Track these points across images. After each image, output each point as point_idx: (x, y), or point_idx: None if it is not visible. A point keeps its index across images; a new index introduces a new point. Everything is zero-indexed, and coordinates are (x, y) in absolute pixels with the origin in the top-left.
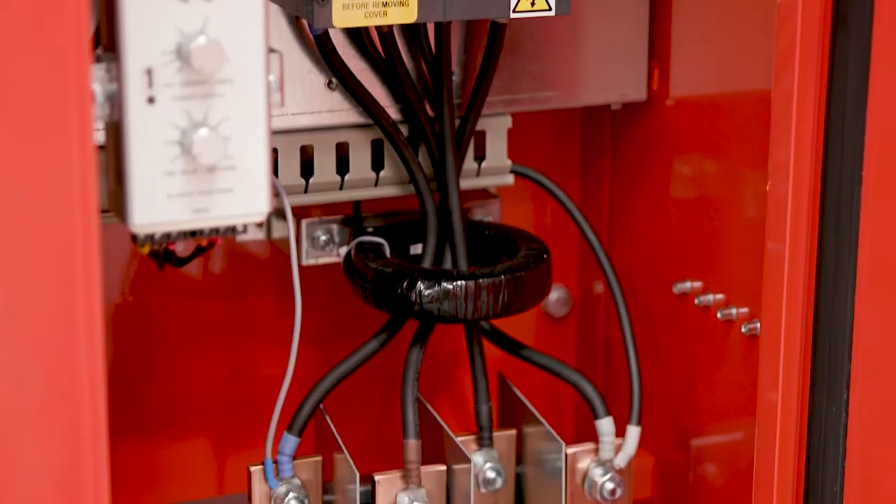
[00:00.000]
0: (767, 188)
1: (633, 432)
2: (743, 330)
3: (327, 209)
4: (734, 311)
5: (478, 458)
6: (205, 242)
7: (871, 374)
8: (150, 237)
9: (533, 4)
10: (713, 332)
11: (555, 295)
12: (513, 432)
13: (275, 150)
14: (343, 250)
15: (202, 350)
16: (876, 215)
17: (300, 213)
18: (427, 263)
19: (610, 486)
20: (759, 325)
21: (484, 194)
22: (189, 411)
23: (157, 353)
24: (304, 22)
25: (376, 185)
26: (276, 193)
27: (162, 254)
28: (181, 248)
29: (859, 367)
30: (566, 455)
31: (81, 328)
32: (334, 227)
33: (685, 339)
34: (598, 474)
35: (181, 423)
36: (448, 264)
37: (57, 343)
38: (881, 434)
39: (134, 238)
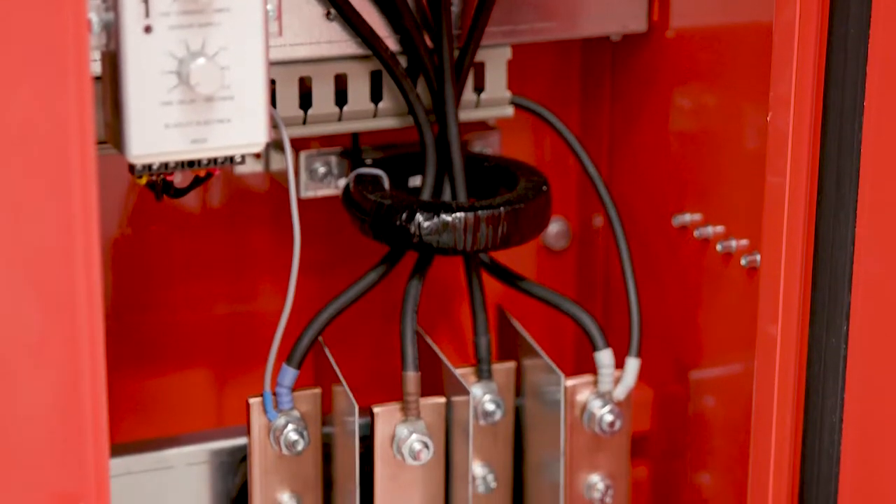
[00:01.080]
0: (768, 120)
1: (633, 364)
2: (742, 262)
3: (326, 141)
4: (734, 243)
5: (477, 390)
6: (202, 173)
7: (871, 306)
8: (148, 168)
9: None
10: (713, 264)
11: (554, 228)
12: (512, 365)
13: (273, 82)
14: (342, 182)
15: (201, 283)
16: (877, 147)
17: (298, 145)
18: (426, 195)
19: (609, 418)
20: (758, 257)
21: (483, 126)
22: (188, 343)
23: (155, 286)
24: None
25: (375, 116)
26: (274, 125)
27: (160, 185)
28: (179, 179)
29: (859, 300)
30: (565, 387)
31: (79, 260)
32: (333, 160)
33: (685, 271)
34: (597, 406)
35: (180, 356)
36: (447, 196)
37: (55, 275)
38: (881, 366)
39: (131, 169)
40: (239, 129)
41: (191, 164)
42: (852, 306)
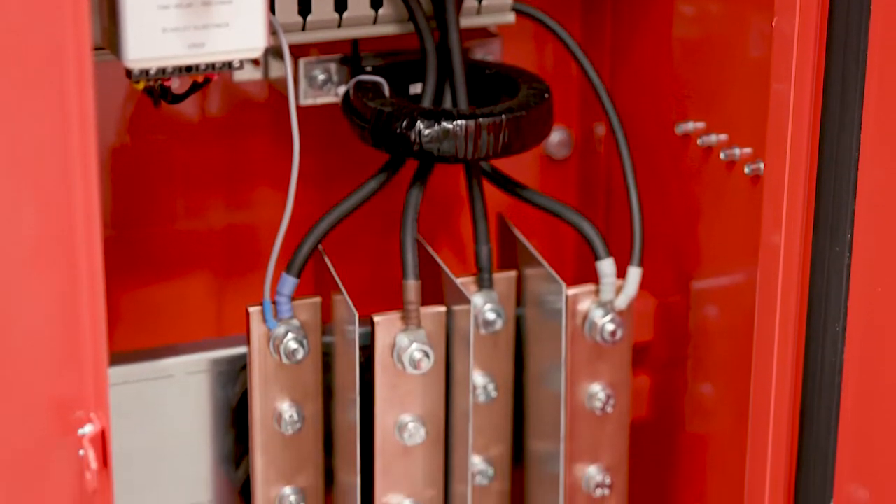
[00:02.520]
0: (773, 25)
1: (634, 273)
2: (746, 171)
3: (325, 48)
4: (737, 151)
5: (477, 299)
6: (200, 79)
7: (875, 214)
8: (145, 73)
9: None
10: (716, 173)
11: (555, 136)
12: (513, 274)
13: None
14: (341, 90)
15: (200, 192)
16: (883, 52)
17: (297, 52)
18: (427, 103)
19: (610, 327)
20: (762, 165)
21: (484, 33)
22: (187, 253)
23: (154, 195)
24: None
25: (375, 23)
26: (272, 31)
27: (157, 90)
28: (176, 85)
29: (863, 207)
30: (566, 296)
31: (76, 167)
32: (332, 67)
33: (687, 180)
34: (598, 316)
35: (179, 265)
36: (448, 104)
37: (52, 184)
38: (884, 273)
39: (129, 74)
40: (237, 34)
41: (188, 69)
42: (856, 214)
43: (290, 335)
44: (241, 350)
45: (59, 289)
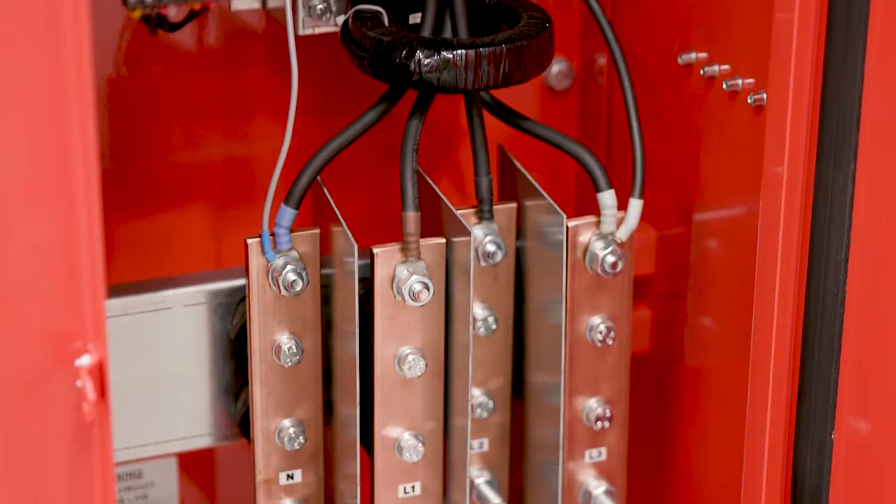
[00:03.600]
0: None
1: (636, 205)
2: (749, 101)
3: None
4: (740, 81)
5: (478, 231)
6: (197, 6)
7: (879, 144)
8: (141, 1)
9: None
10: (718, 103)
11: (556, 67)
12: (513, 205)
13: None
14: (340, 19)
15: (198, 123)
16: None
17: None
18: (426, 32)
19: (611, 259)
20: (765, 95)
21: None
22: (185, 185)
23: (152, 127)
24: None
25: None
26: None
27: (154, 19)
28: (173, 14)
29: (867, 137)
30: (567, 228)
31: (73, 100)
32: None
33: (689, 110)
34: (599, 247)
35: (177, 197)
36: (448, 33)
37: (48, 116)
38: (887, 204)
39: (125, 1)
40: None
41: None
42: (860, 144)
43: (288, 267)
44: (240, 282)
45: (56, 221)
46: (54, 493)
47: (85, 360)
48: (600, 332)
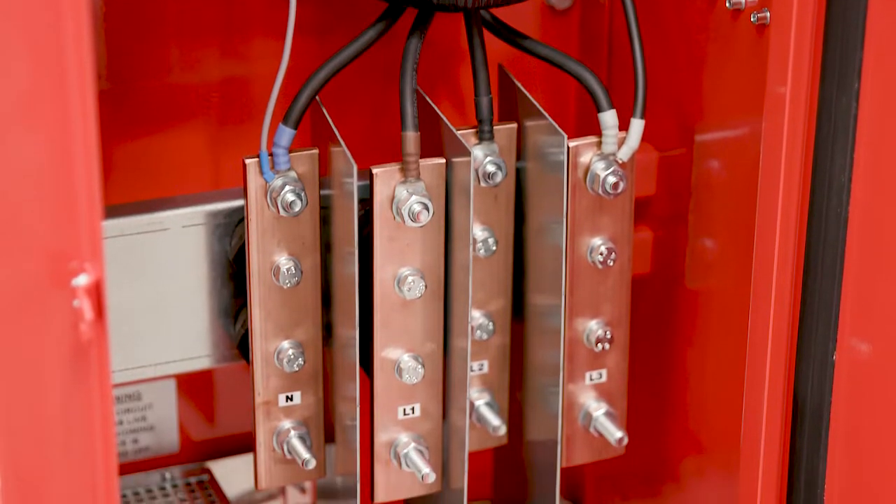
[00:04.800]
0: None
1: (637, 125)
2: (752, 19)
3: None
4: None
5: (478, 151)
6: None
7: (883, 64)
8: None
9: None
10: (721, 21)
11: None
12: (513, 126)
13: None
14: None
15: (196, 43)
16: None
17: None
18: None
19: (612, 179)
20: (768, 14)
21: None
22: (183, 105)
23: (149, 47)
24: None
25: None
26: None
27: None
28: None
29: (871, 56)
30: (568, 148)
31: (68, 19)
32: None
33: (692, 29)
34: (600, 168)
35: (175, 117)
36: None
37: (43, 36)
38: (891, 123)
39: None
40: None
41: None
42: (864, 64)
43: (287, 187)
44: (238, 203)
45: (52, 142)
46: (52, 415)
47: (82, 280)
48: (601, 254)
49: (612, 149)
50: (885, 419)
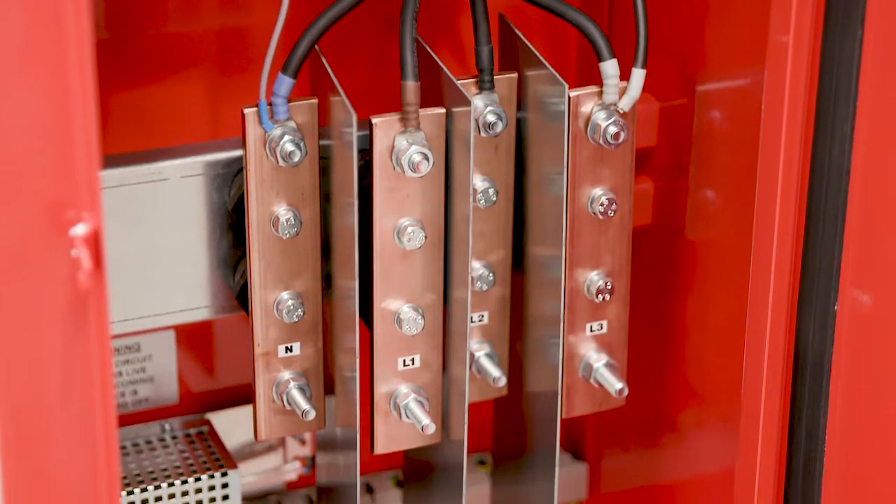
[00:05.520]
0: None
1: (638, 75)
2: None
3: None
4: None
5: (478, 101)
6: None
7: (887, 11)
8: None
9: None
10: None
11: None
12: (514, 75)
13: None
14: None
15: None
16: None
17: None
18: None
19: (613, 129)
20: None
21: None
22: (182, 54)
23: None
24: None
25: None
26: None
27: None
28: None
29: (875, 2)
30: (569, 98)
31: None
32: None
33: None
34: (601, 118)
35: (174, 67)
36: None
37: None
38: (895, 71)
39: None
40: None
41: None
42: (867, 10)
43: (286, 137)
44: (237, 153)
45: (50, 91)
46: (51, 366)
47: (80, 230)
48: (602, 204)
49: (614, 98)
50: (886, 370)
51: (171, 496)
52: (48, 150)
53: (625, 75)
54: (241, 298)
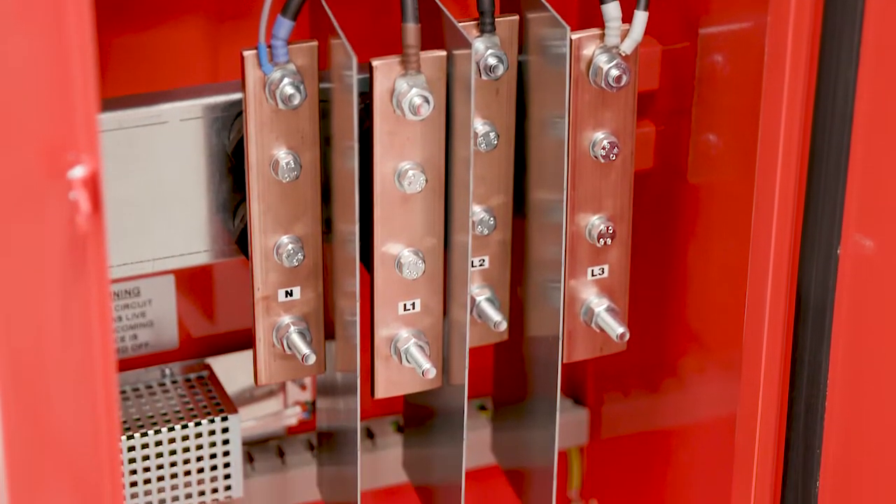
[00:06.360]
0: None
1: (641, 17)
2: None
3: None
4: None
5: (479, 44)
6: None
7: None
8: None
9: None
10: None
11: None
12: (515, 18)
13: None
14: None
15: None
16: None
17: None
18: None
19: (615, 72)
20: None
21: None
22: None
23: None
24: None
25: None
26: None
27: None
28: None
29: None
30: (570, 41)
31: None
32: None
33: None
34: (603, 61)
35: (173, 9)
36: None
37: None
38: None
39: None
40: None
41: None
42: None
43: (286, 80)
44: (237, 96)
45: (48, 33)
46: (50, 310)
47: (78, 172)
48: (603, 148)
49: (616, 41)
50: (888, 314)
51: (172, 440)
52: (47, 91)
53: (627, 18)
54: (240, 243)
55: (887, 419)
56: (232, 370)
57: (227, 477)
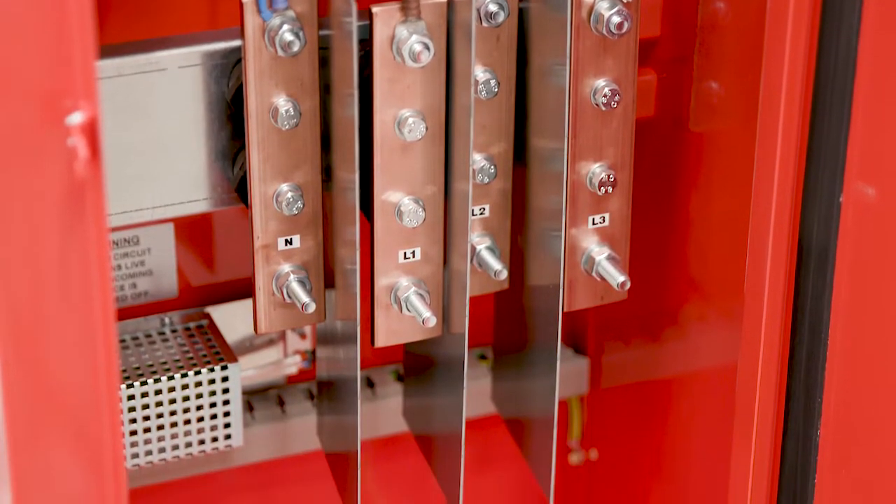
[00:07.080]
0: None
1: None
2: None
3: None
4: None
5: None
6: None
7: None
8: None
9: None
10: None
11: None
12: None
13: None
14: None
15: None
16: None
17: None
18: None
19: (617, 19)
20: None
21: None
22: None
23: None
24: None
25: None
26: None
27: None
28: None
29: None
30: None
31: None
32: None
33: None
34: (604, 7)
35: None
36: None
37: None
38: None
39: None
40: None
41: None
42: None
43: (285, 26)
44: (236, 43)
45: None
46: (49, 258)
47: (76, 118)
48: (605, 96)
49: None
50: (890, 263)
51: (171, 389)
52: (44, 38)
53: None
54: (240, 191)
55: (888, 367)
56: (231, 319)
57: (227, 426)
